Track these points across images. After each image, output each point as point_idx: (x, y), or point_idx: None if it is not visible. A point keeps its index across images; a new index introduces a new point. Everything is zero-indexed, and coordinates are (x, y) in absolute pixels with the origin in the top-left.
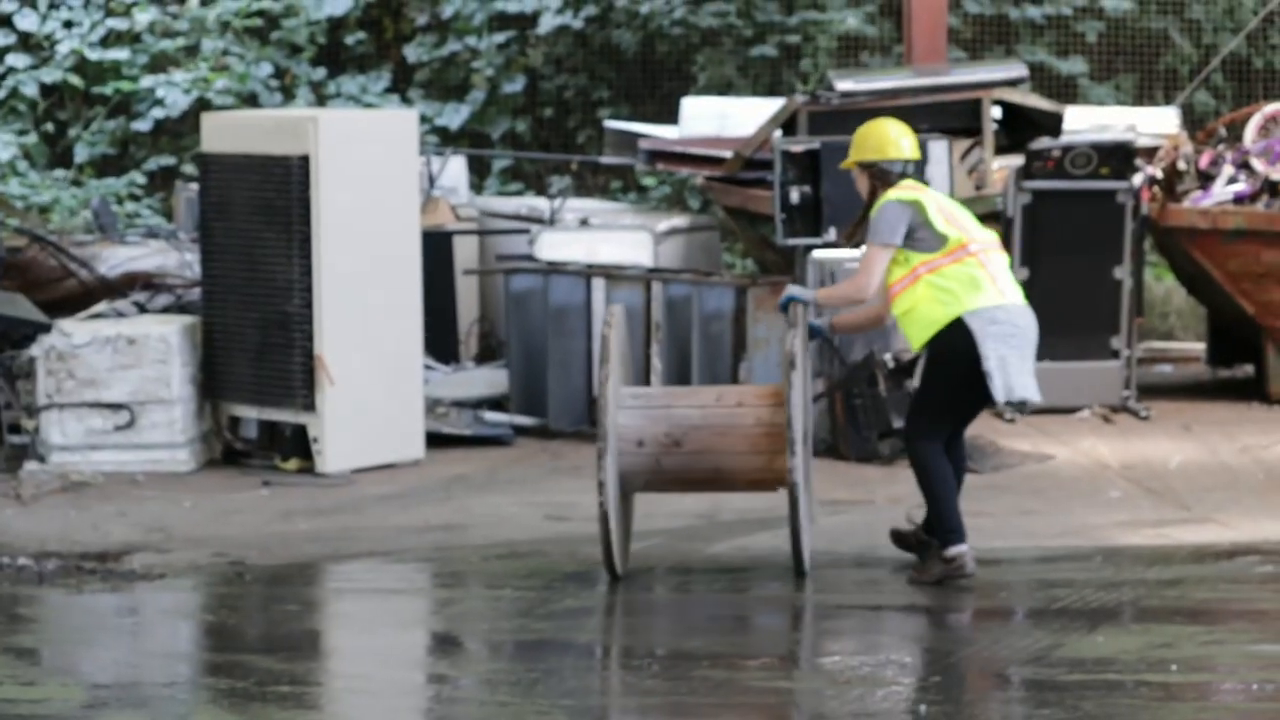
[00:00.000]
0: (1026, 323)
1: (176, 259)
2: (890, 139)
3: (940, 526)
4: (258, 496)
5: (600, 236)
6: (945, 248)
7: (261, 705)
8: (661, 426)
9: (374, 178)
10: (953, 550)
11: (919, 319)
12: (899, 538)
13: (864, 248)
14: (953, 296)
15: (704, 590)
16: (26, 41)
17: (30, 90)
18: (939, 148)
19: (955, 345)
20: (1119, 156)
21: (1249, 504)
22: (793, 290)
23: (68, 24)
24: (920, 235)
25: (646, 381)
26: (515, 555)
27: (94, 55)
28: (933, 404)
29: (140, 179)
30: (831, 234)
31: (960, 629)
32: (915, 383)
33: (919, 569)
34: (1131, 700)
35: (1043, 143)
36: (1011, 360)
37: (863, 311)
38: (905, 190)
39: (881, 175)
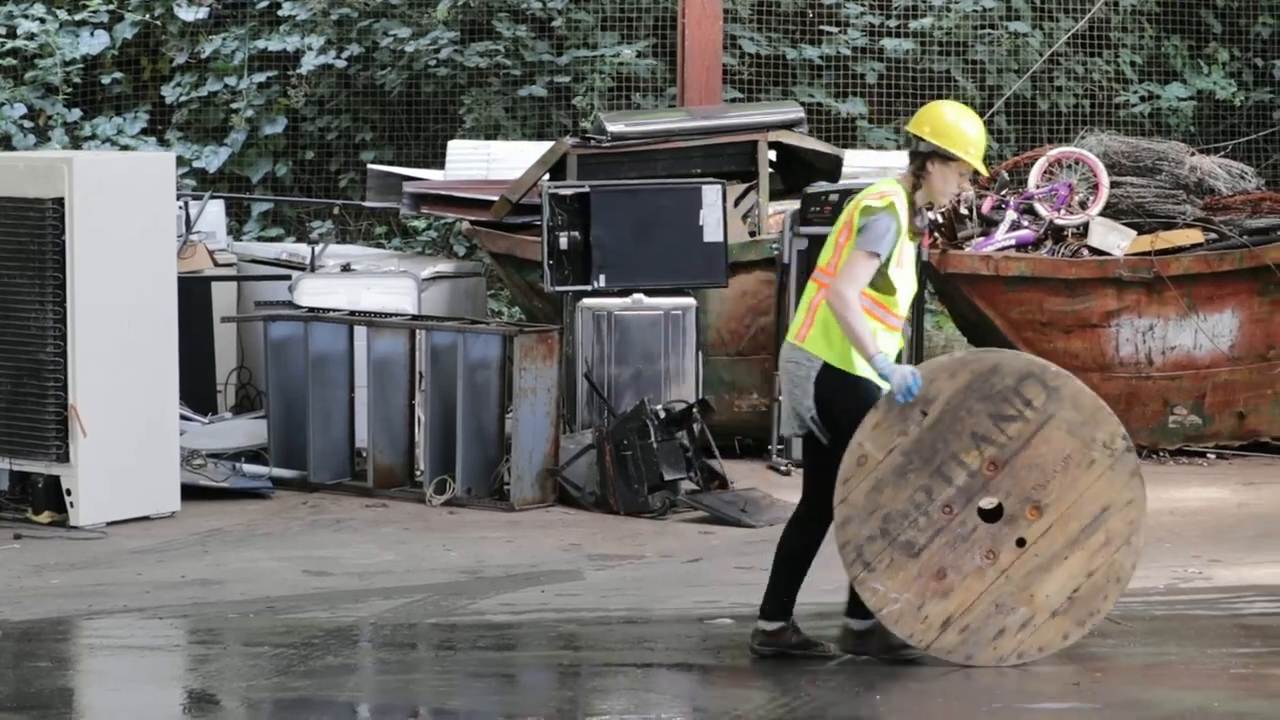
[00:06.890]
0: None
1: None
2: None
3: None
4: (9, 550)
5: (363, 283)
6: None
7: None
8: None
9: (130, 222)
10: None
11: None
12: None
13: None
14: None
15: (468, 647)
16: None
17: None
18: (713, 192)
19: None
20: None
21: None
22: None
23: None
24: None
25: (411, 433)
26: (273, 611)
27: None
28: None
29: None
30: (601, 280)
31: (736, 687)
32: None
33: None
34: None
35: (820, 186)
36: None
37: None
38: None
39: None
